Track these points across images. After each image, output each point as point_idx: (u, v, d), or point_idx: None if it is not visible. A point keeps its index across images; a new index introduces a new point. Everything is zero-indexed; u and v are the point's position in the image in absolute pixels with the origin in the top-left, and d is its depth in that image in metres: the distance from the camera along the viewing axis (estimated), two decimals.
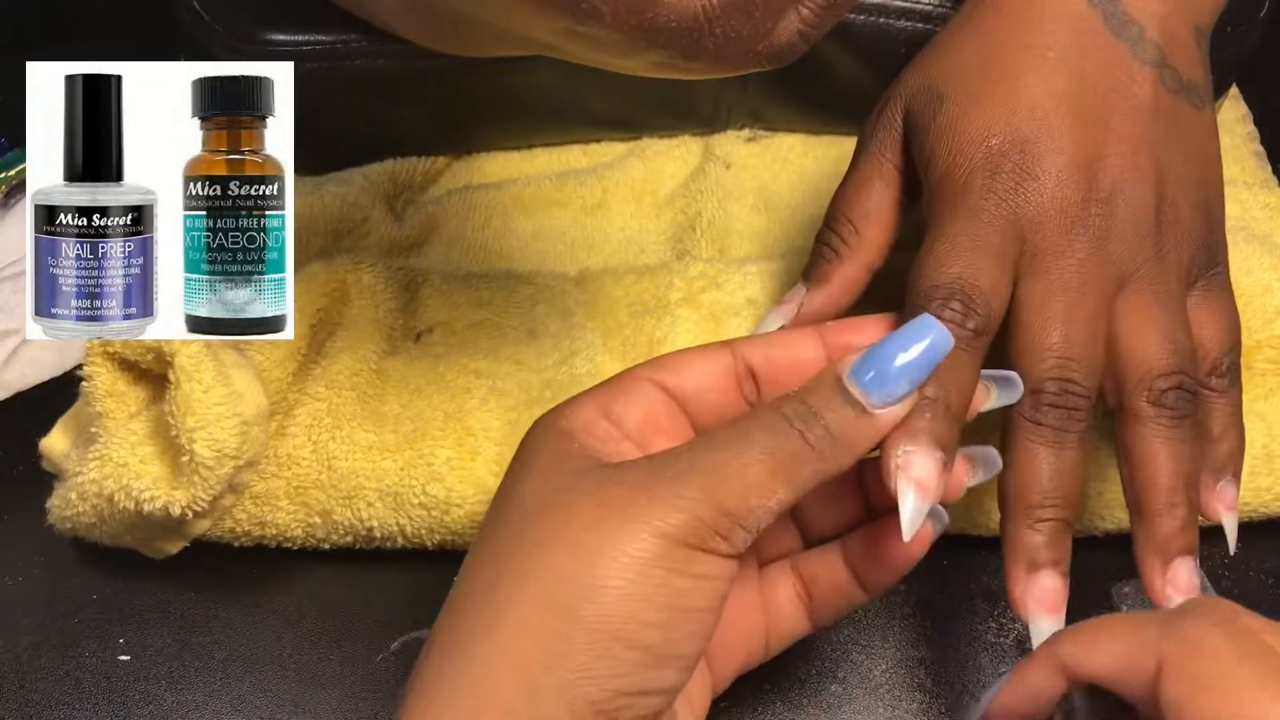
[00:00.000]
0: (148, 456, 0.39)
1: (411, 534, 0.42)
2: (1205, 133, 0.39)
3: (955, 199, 0.36)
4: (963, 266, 0.35)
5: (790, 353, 0.34)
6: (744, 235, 0.51)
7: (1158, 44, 0.38)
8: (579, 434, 0.32)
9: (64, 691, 0.40)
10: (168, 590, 0.43)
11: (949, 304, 0.34)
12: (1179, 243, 0.37)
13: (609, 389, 0.34)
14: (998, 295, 0.35)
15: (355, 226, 0.50)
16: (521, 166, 0.55)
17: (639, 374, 0.34)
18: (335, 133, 0.51)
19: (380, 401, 0.42)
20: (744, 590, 0.35)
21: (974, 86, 0.38)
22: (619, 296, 0.46)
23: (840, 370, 0.31)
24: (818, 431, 0.30)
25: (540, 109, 0.53)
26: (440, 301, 0.45)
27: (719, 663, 0.35)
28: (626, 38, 0.26)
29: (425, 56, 0.49)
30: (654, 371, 0.34)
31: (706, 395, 0.34)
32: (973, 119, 0.37)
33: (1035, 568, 0.34)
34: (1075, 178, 0.36)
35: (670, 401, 0.34)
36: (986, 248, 0.35)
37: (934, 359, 0.31)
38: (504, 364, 0.44)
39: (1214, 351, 0.38)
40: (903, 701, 0.40)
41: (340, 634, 0.42)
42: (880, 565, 0.34)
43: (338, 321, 0.44)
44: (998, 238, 0.35)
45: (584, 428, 0.33)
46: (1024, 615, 0.34)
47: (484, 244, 0.51)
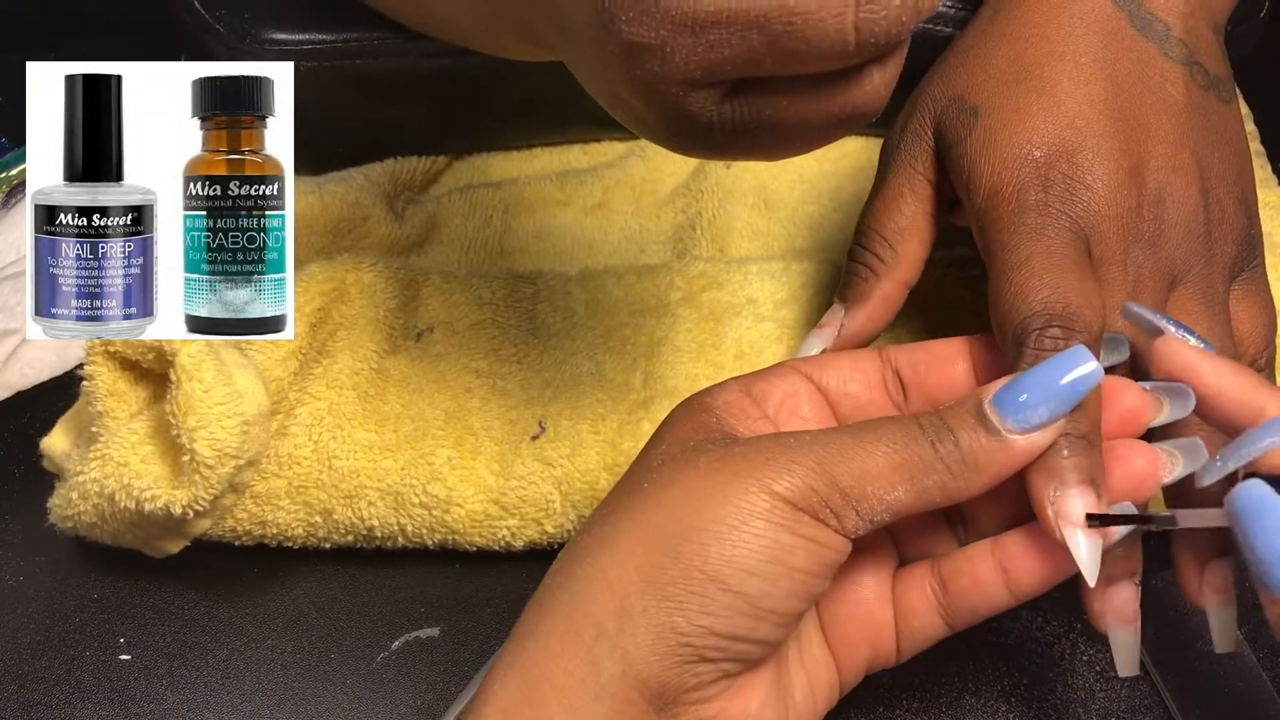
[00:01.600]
0: (149, 456, 0.39)
1: (412, 533, 0.42)
2: (1236, 126, 0.39)
3: (1013, 218, 0.35)
4: (1049, 289, 0.34)
5: (936, 358, 0.35)
6: (744, 235, 0.51)
7: (1184, 41, 0.38)
8: (718, 409, 0.34)
9: (64, 691, 0.40)
10: (168, 590, 0.43)
11: (1047, 332, 0.33)
12: (1225, 239, 0.37)
13: (756, 374, 0.35)
14: (1092, 308, 0.34)
15: (355, 226, 0.50)
16: (521, 166, 0.55)
17: (789, 363, 0.36)
18: (335, 133, 0.51)
19: (381, 401, 0.42)
20: (875, 586, 0.34)
21: (1010, 99, 0.37)
22: (619, 296, 0.46)
23: (984, 393, 0.31)
24: (948, 446, 0.30)
25: (540, 109, 0.53)
26: (441, 301, 0.45)
27: (843, 654, 0.34)
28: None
29: (425, 56, 0.49)
30: (802, 363, 0.36)
31: (851, 389, 0.35)
32: (1013, 133, 0.36)
33: (1112, 579, 0.34)
34: (1126, 184, 0.36)
35: (814, 390, 0.35)
36: (1064, 264, 0.34)
37: (1081, 390, 0.31)
38: (505, 363, 0.44)
39: (1253, 347, 0.38)
40: (903, 701, 0.40)
41: (340, 633, 0.42)
42: (1037, 570, 0.32)
43: (338, 321, 0.44)
44: (1071, 250, 0.35)
45: (725, 404, 0.34)
46: (1103, 628, 0.34)
47: (484, 243, 0.51)
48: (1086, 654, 0.41)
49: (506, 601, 0.42)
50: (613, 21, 0.25)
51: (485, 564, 0.43)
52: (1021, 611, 0.42)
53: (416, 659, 0.41)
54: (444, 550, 0.42)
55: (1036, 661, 0.41)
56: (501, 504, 0.41)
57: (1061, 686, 0.40)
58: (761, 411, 0.34)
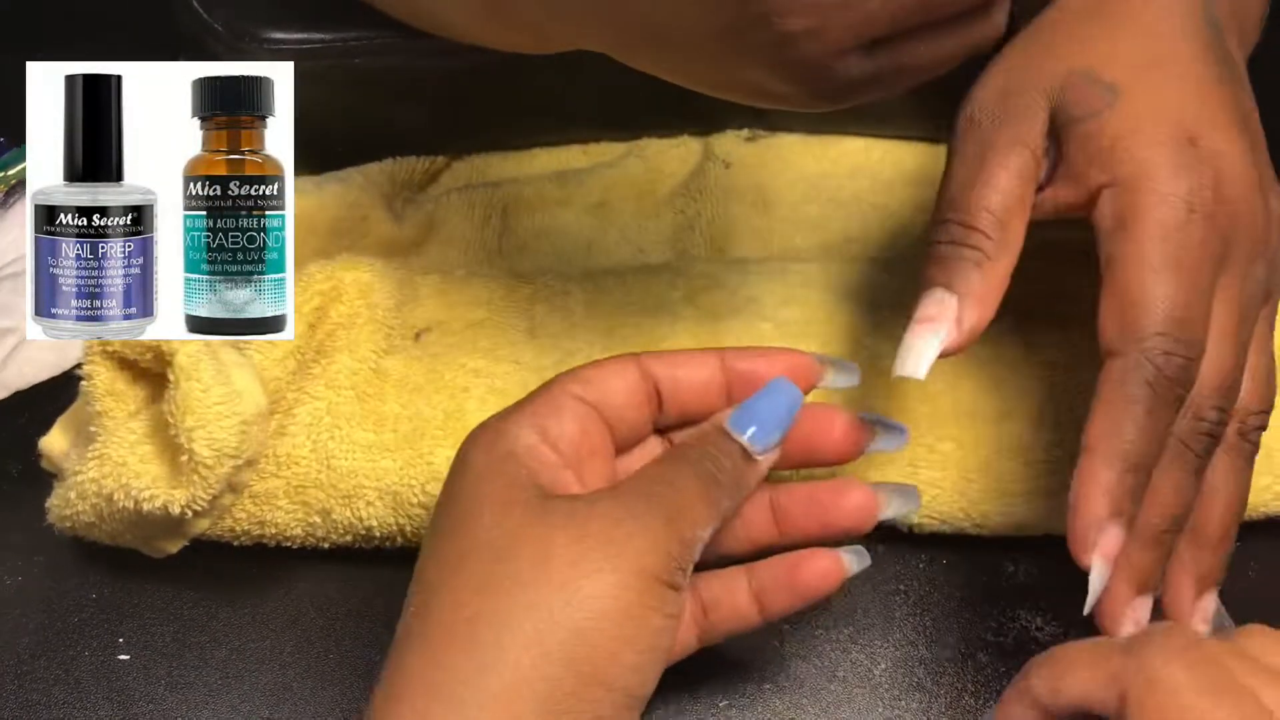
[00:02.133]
0: (147, 456, 0.39)
1: (411, 533, 0.42)
2: None
3: (1160, 205, 0.34)
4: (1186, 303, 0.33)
5: (694, 374, 0.36)
6: (744, 235, 0.51)
7: (1232, 55, 0.38)
8: (523, 458, 0.33)
9: (64, 691, 0.40)
10: (168, 590, 0.43)
11: (1174, 357, 0.32)
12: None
13: (539, 406, 0.35)
14: (1205, 325, 0.33)
15: (355, 226, 0.50)
16: (521, 166, 0.55)
17: (567, 389, 0.35)
18: (335, 133, 0.51)
19: (379, 401, 0.42)
20: None
21: (1152, 83, 0.35)
22: (619, 296, 0.46)
23: (720, 421, 0.34)
24: (727, 468, 0.33)
25: (540, 109, 0.53)
26: (439, 301, 0.45)
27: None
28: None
29: (425, 55, 0.49)
30: (580, 387, 0.35)
31: (624, 411, 0.36)
32: (1161, 117, 0.35)
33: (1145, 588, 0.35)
34: (1259, 197, 0.35)
35: (598, 419, 0.35)
36: (1201, 280, 0.33)
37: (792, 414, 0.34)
38: (503, 364, 0.44)
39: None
40: (902, 701, 0.40)
41: (340, 633, 0.42)
42: (791, 593, 0.35)
43: (337, 321, 0.44)
44: (1210, 264, 0.34)
45: (527, 451, 0.34)
46: (1115, 630, 0.34)
47: (483, 243, 0.51)
48: None
49: None
50: (764, 19, 0.27)
51: None
52: (1021, 612, 0.42)
53: None
54: None
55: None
56: None
57: None
58: (560, 458, 0.34)
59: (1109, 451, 0.32)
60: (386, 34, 0.48)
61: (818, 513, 0.36)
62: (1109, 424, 0.33)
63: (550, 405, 0.35)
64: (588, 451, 0.35)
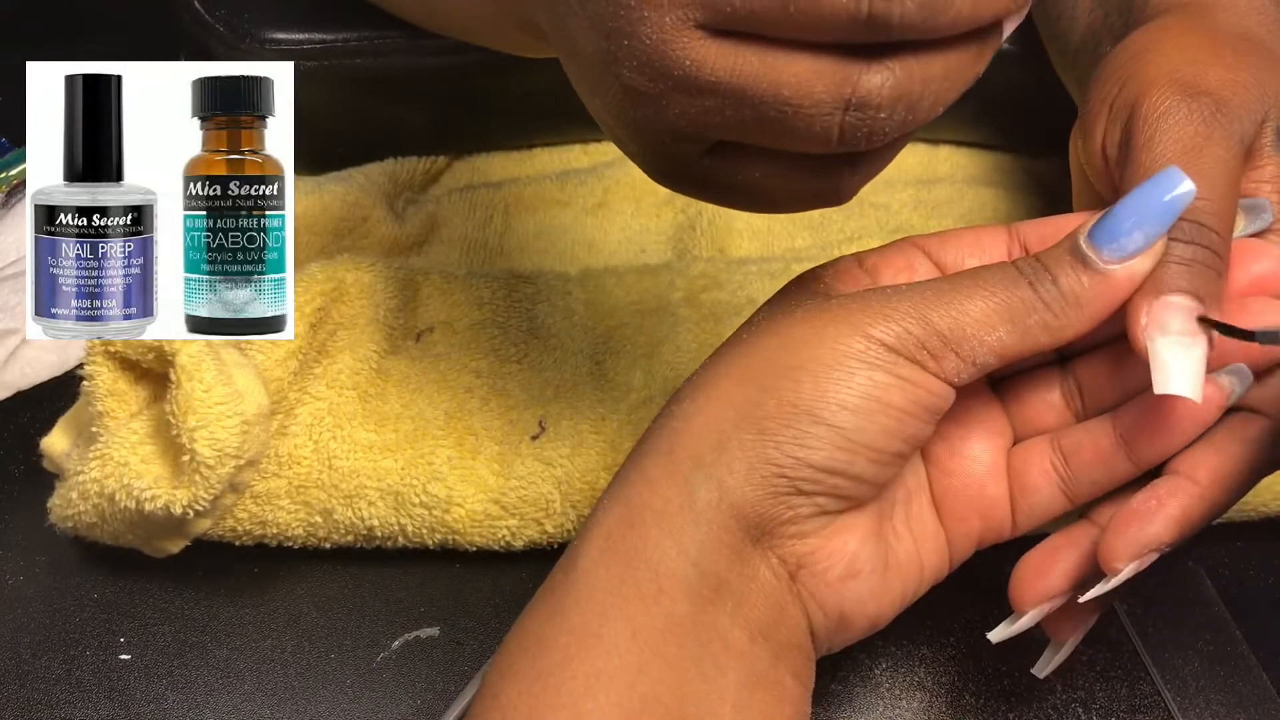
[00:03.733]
0: (149, 456, 0.39)
1: (412, 533, 0.42)
2: None
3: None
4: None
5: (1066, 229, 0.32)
6: (744, 235, 0.51)
7: None
8: (828, 276, 0.33)
9: (64, 691, 0.40)
10: (168, 590, 0.43)
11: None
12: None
13: (872, 250, 0.34)
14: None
15: (355, 226, 0.50)
16: (522, 166, 0.55)
17: (908, 238, 0.35)
18: (335, 133, 0.51)
19: (381, 401, 0.42)
20: (987, 457, 0.34)
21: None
22: (620, 296, 0.46)
23: (1079, 229, 0.30)
24: (1047, 285, 0.30)
25: (540, 109, 0.53)
26: (441, 301, 0.45)
27: (953, 526, 0.34)
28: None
29: (425, 55, 0.49)
30: (923, 239, 0.34)
31: (970, 264, 0.34)
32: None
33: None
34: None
35: (933, 266, 0.34)
36: None
37: (1175, 209, 0.29)
38: (505, 363, 0.44)
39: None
40: (902, 701, 0.40)
41: (340, 633, 0.42)
42: (1156, 433, 0.32)
43: (338, 321, 0.44)
44: None
45: (835, 272, 0.34)
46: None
47: (484, 243, 0.51)
48: (1086, 654, 0.41)
49: (506, 601, 0.42)
50: (616, 64, 0.26)
51: (485, 564, 0.43)
52: None
53: (416, 659, 0.41)
54: (444, 550, 0.42)
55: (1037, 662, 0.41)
56: (501, 504, 0.41)
57: (1061, 687, 0.40)
58: (872, 280, 0.33)
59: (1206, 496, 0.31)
60: (387, 34, 0.48)
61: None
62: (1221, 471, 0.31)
63: (882, 248, 0.34)
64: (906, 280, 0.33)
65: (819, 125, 0.25)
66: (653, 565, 0.29)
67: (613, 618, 0.29)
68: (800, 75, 0.25)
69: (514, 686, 0.29)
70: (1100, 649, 0.41)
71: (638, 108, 0.27)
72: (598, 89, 0.28)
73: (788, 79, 0.25)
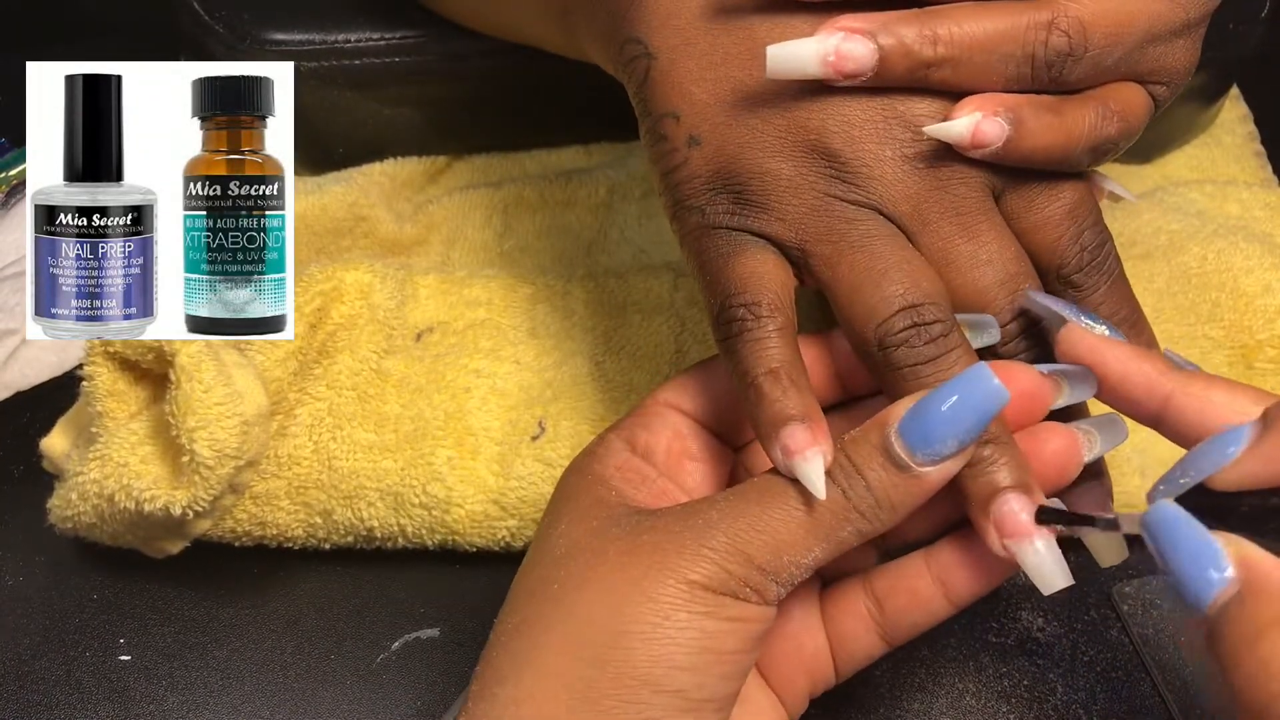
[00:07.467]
0: (148, 456, 0.39)
1: (412, 534, 0.42)
2: None
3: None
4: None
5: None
6: None
7: None
8: (613, 478, 0.32)
9: (64, 691, 0.40)
10: (168, 590, 0.43)
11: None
12: None
13: (632, 419, 0.34)
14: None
15: (355, 226, 0.50)
16: (522, 166, 0.55)
17: (658, 398, 0.34)
18: (335, 133, 0.51)
19: (381, 401, 0.42)
20: (802, 615, 0.33)
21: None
22: (621, 296, 0.46)
23: (887, 426, 0.29)
24: (860, 490, 0.29)
25: (540, 109, 0.53)
26: (440, 301, 0.45)
27: (783, 691, 0.33)
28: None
29: (425, 56, 0.49)
30: (672, 394, 0.34)
31: (728, 414, 0.34)
32: None
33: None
34: None
35: (694, 424, 0.34)
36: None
37: (990, 413, 0.28)
38: (504, 364, 0.44)
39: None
40: (903, 701, 0.40)
41: (340, 634, 0.42)
42: (977, 578, 0.31)
43: (338, 321, 0.44)
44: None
45: (617, 470, 0.32)
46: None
47: (484, 243, 0.51)
48: (1087, 654, 0.41)
49: None
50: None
51: (485, 564, 0.43)
52: (1021, 613, 0.42)
53: (416, 659, 0.41)
54: (444, 551, 0.42)
55: (1037, 662, 0.41)
56: (501, 504, 0.41)
57: (1062, 687, 0.40)
58: (654, 468, 0.33)
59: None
60: (387, 34, 0.48)
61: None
62: None
63: (641, 417, 0.34)
64: (681, 456, 0.33)
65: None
66: None
67: None
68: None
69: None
70: (1101, 649, 0.41)
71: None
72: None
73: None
